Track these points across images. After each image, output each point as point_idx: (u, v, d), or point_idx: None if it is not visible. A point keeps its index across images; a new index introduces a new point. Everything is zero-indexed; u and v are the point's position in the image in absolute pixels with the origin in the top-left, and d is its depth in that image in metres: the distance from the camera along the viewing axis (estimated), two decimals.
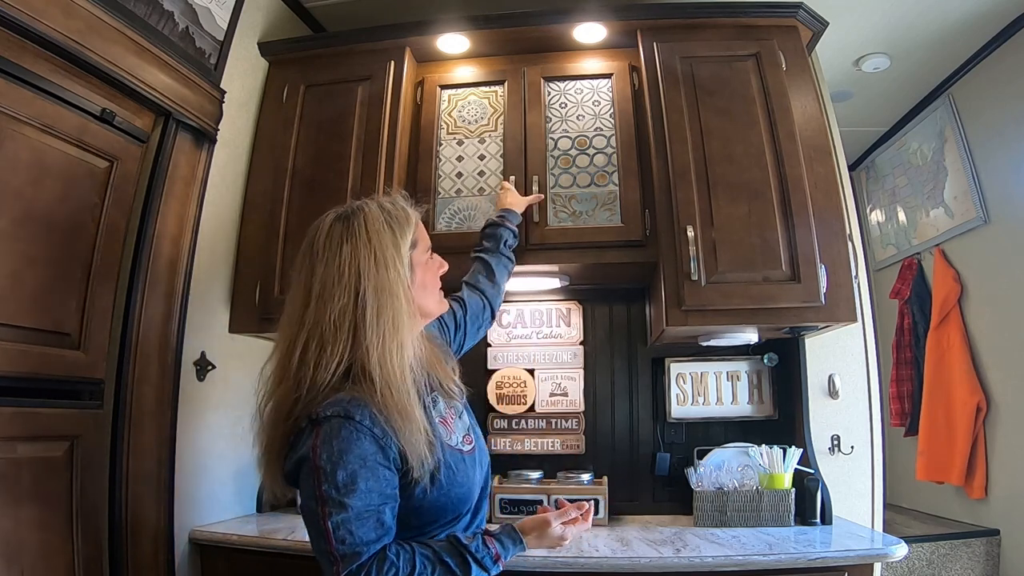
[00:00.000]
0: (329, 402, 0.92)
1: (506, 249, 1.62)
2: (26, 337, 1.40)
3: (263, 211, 2.02)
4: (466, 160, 2.02)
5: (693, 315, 1.72)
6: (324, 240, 1.02)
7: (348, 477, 0.88)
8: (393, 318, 0.97)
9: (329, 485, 0.87)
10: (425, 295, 1.09)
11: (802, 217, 1.73)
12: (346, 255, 0.99)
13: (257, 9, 2.14)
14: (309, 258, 1.02)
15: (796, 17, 1.94)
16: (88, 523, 1.50)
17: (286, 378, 0.97)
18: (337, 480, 0.88)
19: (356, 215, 1.04)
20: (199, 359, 1.85)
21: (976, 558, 2.52)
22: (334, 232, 1.02)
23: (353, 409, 0.91)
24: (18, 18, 1.32)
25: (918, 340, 3.14)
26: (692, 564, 1.47)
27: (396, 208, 1.08)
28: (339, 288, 0.97)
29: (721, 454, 1.97)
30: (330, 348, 0.94)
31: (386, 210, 1.06)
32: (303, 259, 1.03)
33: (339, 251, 0.99)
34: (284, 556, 1.61)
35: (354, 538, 0.87)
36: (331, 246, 1.00)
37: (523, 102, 2.03)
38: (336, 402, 0.92)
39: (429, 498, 0.97)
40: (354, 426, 0.90)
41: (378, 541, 0.89)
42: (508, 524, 1.05)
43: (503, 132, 2.02)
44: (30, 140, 1.41)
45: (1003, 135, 2.63)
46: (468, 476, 1.04)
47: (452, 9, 2.14)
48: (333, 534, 0.86)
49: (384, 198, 1.11)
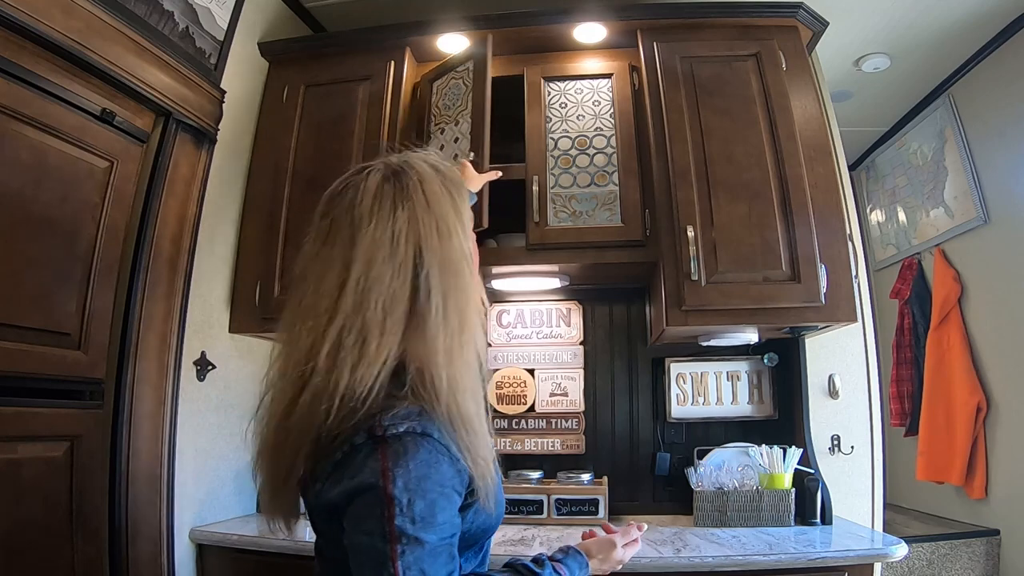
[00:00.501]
0: (396, 414, 0.73)
1: None
2: (26, 337, 1.40)
3: (263, 211, 2.02)
4: (446, 147, 1.98)
5: (693, 315, 1.72)
6: (370, 202, 0.78)
7: (427, 508, 0.70)
8: (462, 305, 0.78)
9: (404, 518, 0.69)
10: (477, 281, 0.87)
11: (802, 217, 1.73)
12: (402, 224, 0.77)
13: (257, 9, 2.14)
14: (348, 225, 0.78)
15: (796, 17, 1.94)
16: (88, 523, 1.50)
17: (311, 385, 0.74)
18: (415, 512, 0.70)
19: (407, 173, 0.81)
20: (199, 359, 1.85)
21: (976, 558, 2.52)
22: (384, 192, 0.79)
23: (428, 424, 0.74)
24: (18, 18, 1.32)
25: (918, 340, 3.14)
26: (692, 564, 1.47)
27: (446, 168, 0.86)
28: (391, 265, 0.75)
29: (721, 454, 1.97)
30: (375, 343, 0.73)
31: (439, 170, 0.84)
32: (334, 226, 0.80)
33: (391, 217, 0.77)
34: (284, 556, 1.61)
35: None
36: (380, 210, 0.78)
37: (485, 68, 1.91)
38: (406, 415, 0.73)
39: (478, 520, 0.82)
40: (433, 445, 0.73)
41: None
42: (570, 547, 0.95)
43: (471, 107, 1.93)
44: (30, 140, 1.41)
45: (1003, 135, 2.63)
46: (499, 488, 0.88)
47: (452, 9, 2.14)
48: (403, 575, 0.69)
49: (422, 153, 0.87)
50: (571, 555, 0.92)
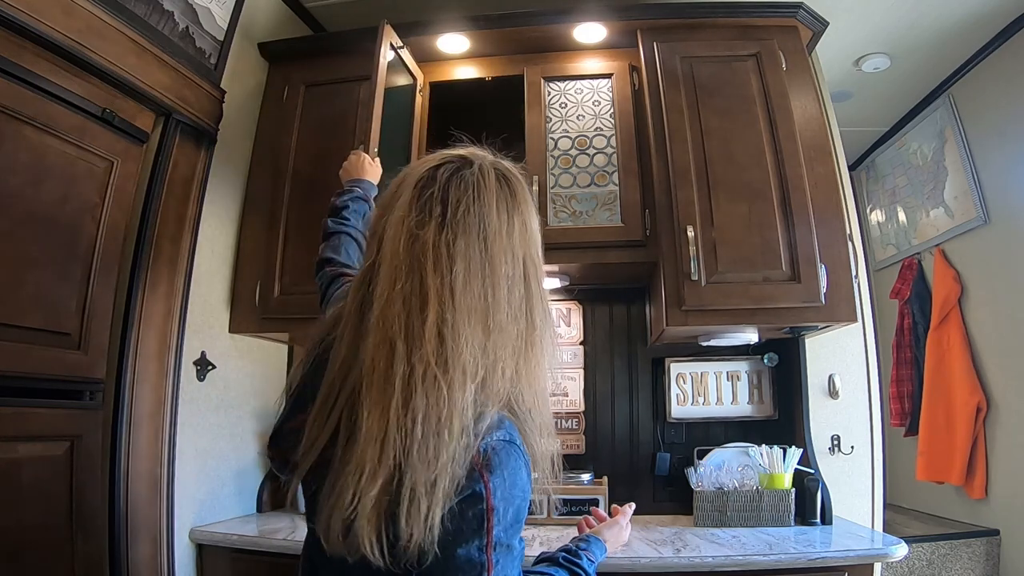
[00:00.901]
0: (489, 425, 0.69)
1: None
2: (26, 337, 1.40)
3: (263, 211, 2.02)
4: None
5: (693, 315, 1.72)
6: (497, 206, 0.72)
7: (516, 514, 0.69)
8: (544, 328, 0.75)
9: (501, 527, 0.67)
10: None
11: (802, 217, 1.73)
12: (518, 233, 0.72)
13: (257, 9, 2.14)
14: (480, 232, 0.70)
15: (796, 17, 1.94)
16: (88, 523, 1.50)
17: (464, 432, 0.66)
18: (508, 519, 0.68)
19: (510, 176, 0.76)
20: (199, 359, 1.85)
21: (976, 558, 2.52)
22: (502, 196, 0.73)
23: (513, 431, 0.71)
24: (18, 18, 1.32)
25: (918, 340, 3.14)
26: (692, 564, 1.47)
27: (510, 171, 0.79)
28: (516, 284, 0.71)
29: (721, 454, 1.97)
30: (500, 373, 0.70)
31: (513, 173, 0.79)
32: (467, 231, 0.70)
33: (511, 230, 0.72)
34: (284, 556, 1.61)
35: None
36: (504, 219, 0.71)
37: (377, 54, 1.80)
38: (498, 423, 0.70)
39: None
40: (518, 451, 0.70)
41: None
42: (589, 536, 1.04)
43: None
44: (30, 140, 1.41)
45: (1003, 135, 2.63)
46: None
47: (452, 9, 2.14)
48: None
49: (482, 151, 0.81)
50: (592, 543, 1.01)
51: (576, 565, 0.92)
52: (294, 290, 1.92)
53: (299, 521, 1.87)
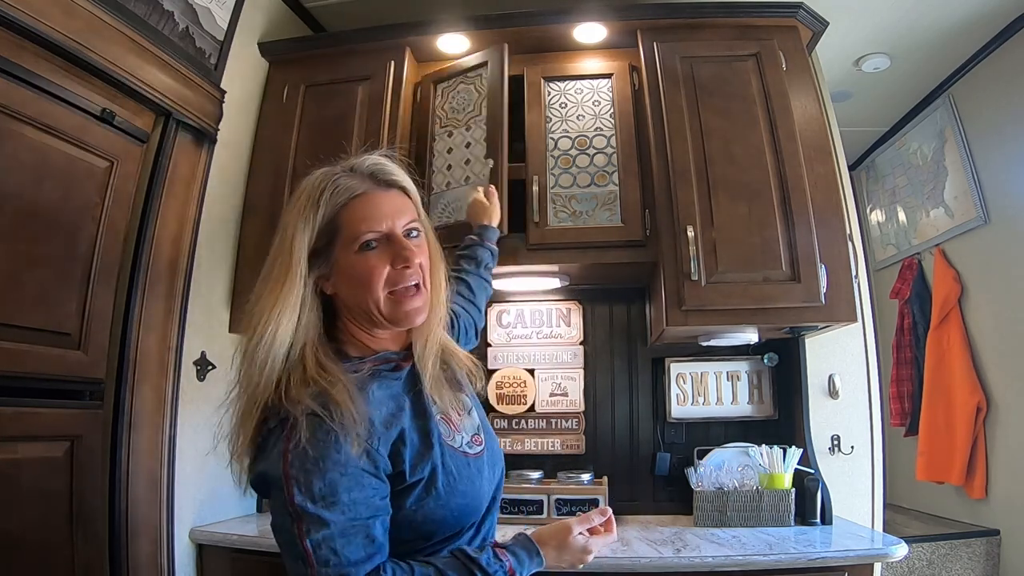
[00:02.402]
0: (297, 394, 0.79)
1: (486, 272, 1.46)
2: (26, 337, 1.40)
3: (263, 211, 2.02)
4: (455, 151, 2.00)
5: (693, 315, 1.72)
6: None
7: (327, 487, 0.75)
8: (278, 298, 0.91)
9: (304, 496, 0.74)
10: (355, 286, 0.93)
11: (802, 217, 1.73)
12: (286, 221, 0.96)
13: (257, 9, 2.14)
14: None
15: (796, 17, 1.94)
16: (88, 523, 1.50)
17: (262, 364, 0.84)
18: (314, 491, 0.74)
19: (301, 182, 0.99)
20: (199, 359, 1.85)
21: (976, 558, 2.52)
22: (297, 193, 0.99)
23: (328, 403, 0.78)
24: (18, 18, 1.32)
25: (918, 340, 3.14)
26: (692, 564, 1.47)
27: (318, 178, 1.00)
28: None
29: (721, 454, 1.97)
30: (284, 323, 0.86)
31: (311, 179, 0.99)
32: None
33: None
34: None
35: (339, 558, 0.74)
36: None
37: (502, 76, 1.94)
38: (308, 395, 0.79)
39: (424, 510, 0.84)
40: (329, 425, 0.77)
41: (369, 560, 0.76)
42: (522, 534, 0.91)
43: (486, 114, 1.95)
44: (30, 140, 1.41)
45: (1003, 135, 2.63)
46: (473, 484, 0.89)
47: (452, 9, 2.14)
48: (314, 555, 0.73)
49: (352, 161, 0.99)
50: (520, 542, 0.89)
51: (471, 570, 0.82)
52: None
53: None
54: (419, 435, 0.86)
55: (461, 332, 1.25)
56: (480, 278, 1.42)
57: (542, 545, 0.89)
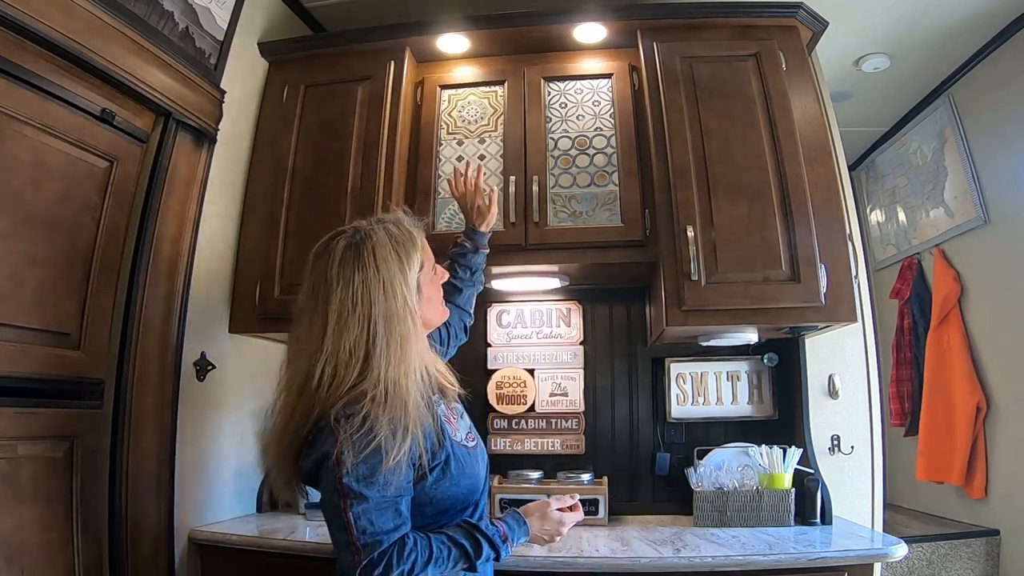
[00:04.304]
0: (347, 401, 0.98)
1: (479, 276, 1.60)
2: (26, 337, 1.40)
3: (263, 211, 2.02)
4: (466, 160, 2.02)
5: (693, 315, 1.72)
6: (337, 269, 1.05)
7: (368, 469, 0.94)
8: (401, 343, 1.03)
9: (350, 477, 0.94)
10: (430, 308, 1.16)
11: (802, 217, 1.73)
12: (357, 285, 1.03)
13: (257, 9, 2.14)
14: (324, 287, 1.06)
15: (796, 17, 1.94)
16: (88, 523, 1.50)
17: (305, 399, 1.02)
18: (359, 472, 0.94)
19: (365, 243, 1.07)
20: (199, 359, 1.85)
21: (976, 558, 2.52)
22: (346, 260, 1.06)
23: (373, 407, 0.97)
24: (18, 18, 1.32)
25: (918, 340, 3.14)
26: (692, 564, 1.47)
27: (402, 231, 1.12)
28: (353, 318, 1.02)
29: (721, 454, 1.97)
30: (343, 372, 1.00)
31: (392, 235, 1.10)
32: (317, 287, 1.07)
33: (351, 280, 1.04)
34: (284, 556, 1.61)
35: (375, 527, 0.94)
36: (344, 275, 1.05)
37: (523, 101, 2.03)
38: (355, 400, 0.98)
39: (441, 488, 1.06)
40: (372, 422, 0.96)
41: (396, 530, 0.96)
42: (512, 509, 1.15)
43: (503, 132, 2.02)
44: (30, 140, 1.41)
45: (1003, 135, 2.63)
46: (475, 469, 1.12)
47: (452, 9, 2.14)
48: (355, 524, 0.93)
49: (389, 217, 1.14)
50: (510, 514, 1.13)
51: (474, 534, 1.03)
52: (294, 290, 1.90)
53: (299, 521, 1.87)
54: (435, 431, 1.07)
55: (452, 336, 1.49)
56: (474, 286, 1.60)
57: (528, 516, 1.14)
